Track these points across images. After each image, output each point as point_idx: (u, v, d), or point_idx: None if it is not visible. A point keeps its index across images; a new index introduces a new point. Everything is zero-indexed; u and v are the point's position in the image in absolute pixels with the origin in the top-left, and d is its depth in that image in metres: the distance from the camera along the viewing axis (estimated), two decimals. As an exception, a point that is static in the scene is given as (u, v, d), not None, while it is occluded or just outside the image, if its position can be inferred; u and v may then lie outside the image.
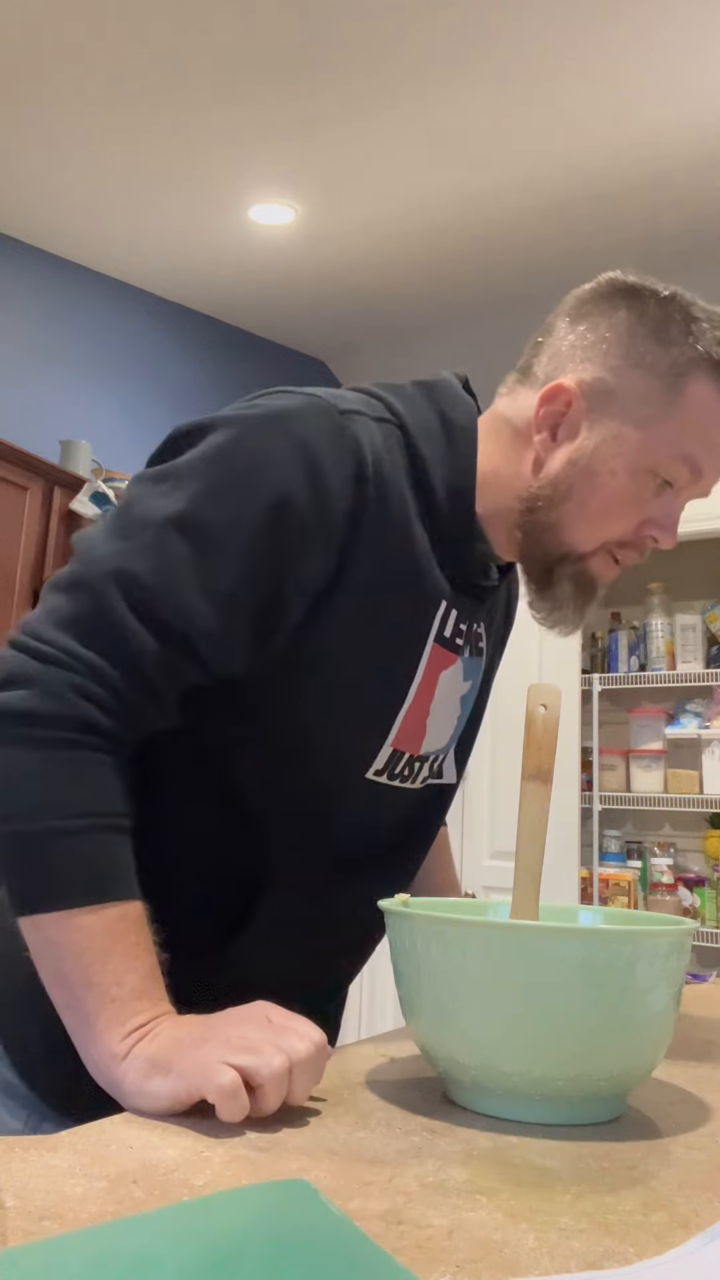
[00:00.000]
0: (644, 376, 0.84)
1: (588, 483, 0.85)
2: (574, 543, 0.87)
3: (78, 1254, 0.44)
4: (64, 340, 3.90)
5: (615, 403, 0.84)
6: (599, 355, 0.86)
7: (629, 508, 0.85)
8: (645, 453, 0.84)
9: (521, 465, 0.88)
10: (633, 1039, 0.67)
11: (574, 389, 0.85)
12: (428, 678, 0.88)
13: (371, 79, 2.90)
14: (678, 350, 0.84)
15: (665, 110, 2.97)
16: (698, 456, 0.84)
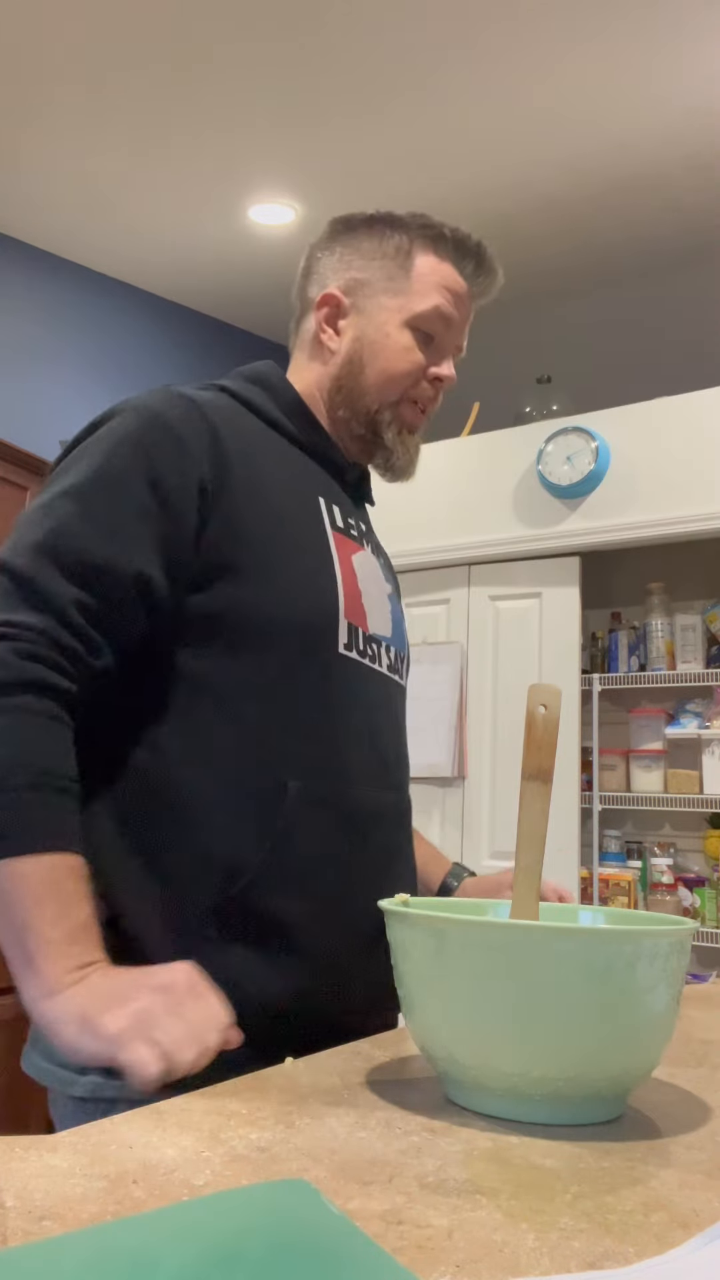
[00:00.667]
0: (381, 264, 1.10)
1: (371, 348, 1.09)
2: (380, 396, 1.09)
3: (78, 1254, 0.44)
4: (64, 340, 3.90)
5: (369, 287, 1.10)
6: (344, 265, 1.11)
7: (408, 355, 1.08)
8: (404, 311, 1.08)
9: (323, 365, 1.11)
10: (633, 1039, 0.67)
11: (337, 291, 1.11)
12: (343, 557, 1.03)
13: (371, 79, 2.89)
14: (396, 239, 1.10)
15: (666, 107, 2.97)
16: (442, 305, 1.09)
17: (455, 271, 1.10)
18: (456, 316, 1.10)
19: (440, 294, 1.09)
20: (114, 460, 0.91)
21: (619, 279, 3.82)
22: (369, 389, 1.09)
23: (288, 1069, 0.79)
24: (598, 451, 3.12)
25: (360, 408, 1.09)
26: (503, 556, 3.36)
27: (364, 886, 0.97)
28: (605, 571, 3.51)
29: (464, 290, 1.11)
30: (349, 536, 1.07)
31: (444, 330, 1.10)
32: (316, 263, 1.14)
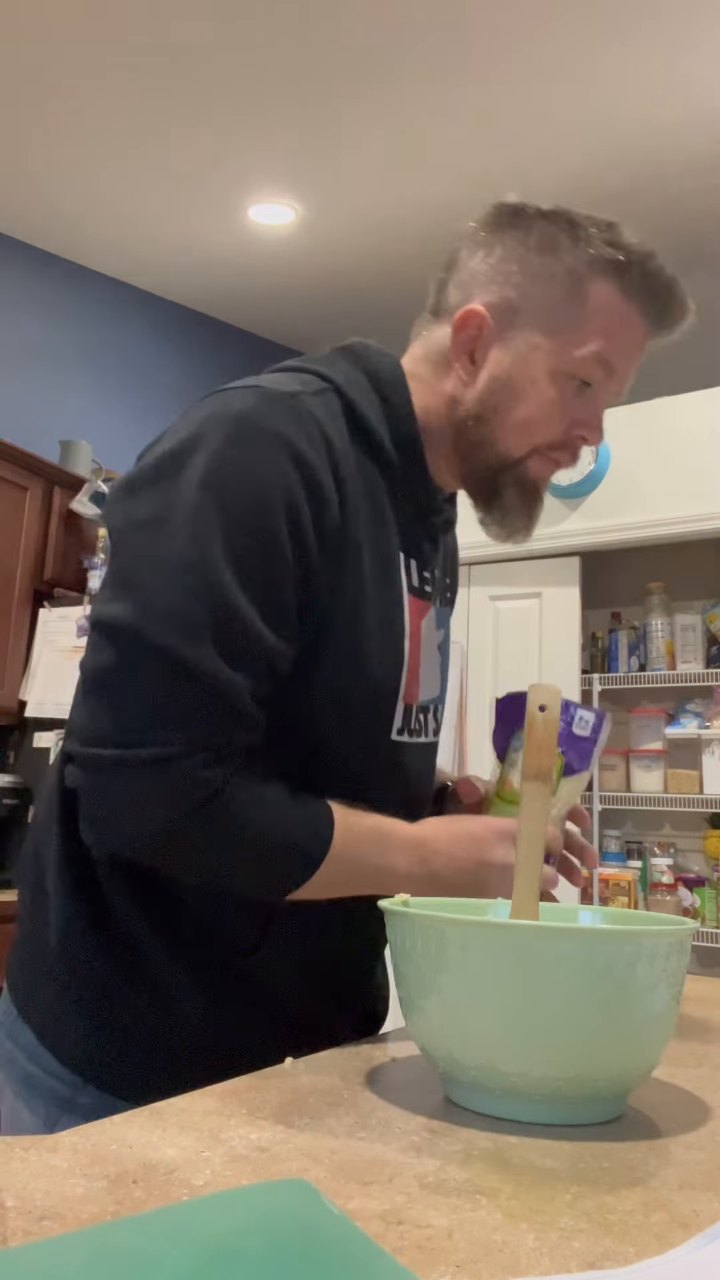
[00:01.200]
0: (546, 288, 0.90)
1: (511, 394, 0.91)
2: (508, 451, 0.93)
3: (78, 1254, 0.44)
4: (64, 340, 3.89)
5: (523, 316, 0.91)
6: (500, 277, 0.92)
7: (554, 410, 0.91)
8: (560, 356, 0.90)
9: (448, 395, 0.94)
10: (633, 1039, 0.66)
11: (483, 311, 0.91)
12: (413, 627, 0.93)
13: (371, 80, 2.90)
14: (571, 258, 0.90)
15: (663, 110, 2.97)
16: (608, 353, 0.90)
17: (638, 314, 0.91)
18: (622, 364, 0.92)
19: (610, 339, 0.90)
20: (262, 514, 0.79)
21: (619, 279, 3.82)
22: (499, 439, 0.93)
23: (288, 1069, 0.79)
24: (598, 451, 3.12)
25: (482, 457, 0.94)
26: (503, 556, 3.35)
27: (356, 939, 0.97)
28: (605, 571, 3.51)
29: (638, 325, 0.92)
30: (421, 596, 0.96)
31: (604, 379, 0.92)
32: (470, 257, 0.94)
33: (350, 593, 0.86)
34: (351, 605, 0.86)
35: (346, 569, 0.85)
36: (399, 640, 0.91)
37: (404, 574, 0.92)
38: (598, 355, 0.90)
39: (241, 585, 0.78)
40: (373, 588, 0.88)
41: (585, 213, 0.93)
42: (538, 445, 0.93)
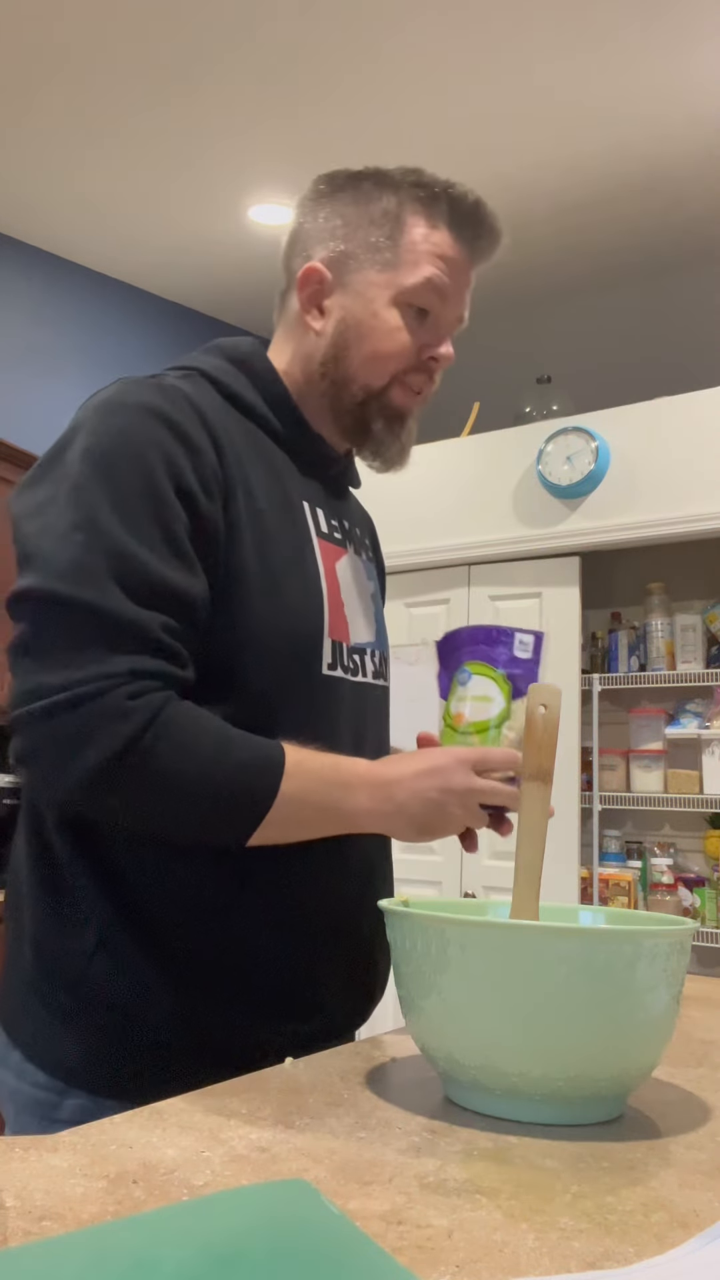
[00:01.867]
0: (368, 232, 1.00)
1: (357, 330, 0.99)
2: (368, 383, 1.00)
3: (78, 1254, 0.44)
4: (64, 340, 3.90)
5: (355, 260, 1.00)
6: (328, 233, 1.01)
7: (398, 336, 0.99)
8: (393, 288, 0.98)
9: (307, 351, 1.03)
10: (633, 1039, 0.67)
11: (319, 266, 1.01)
12: (328, 568, 0.98)
13: (372, 79, 2.89)
14: (385, 202, 1.00)
15: (666, 108, 2.97)
16: (435, 278, 0.99)
17: (451, 237, 1.00)
18: (452, 287, 1.00)
19: (433, 264, 0.99)
20: (140, 470, 0.85)
21: (619, 279, 3.82)
22: (355, 374, 1.00)
23: (288, 1069, 0.79)
24: (598, 451, 3.12)
25: (346, 396, 1.01)
26: (503, 556, 3.35)
27: (343, 904, 0.97)
28: (605, 571, 3.51)
29: (461, 258, 1.01)
30: (333, 541, 1.02)
31: (439, 304, 1.00)
32: (300, 229, 1.04)
33: (251, 536, 0.91)
34: (256, 547, 0.91)
35: (240, 513, 0.90)
36: (313, 578, 0.96)
37: (309, 519, 0.99)
38: (427, 281, 0.98)
39: (133, 534, 0.83)
40: (277, 531, 0.94)
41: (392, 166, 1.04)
42: (394, 374, 1.00)
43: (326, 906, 0.95)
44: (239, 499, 0.91)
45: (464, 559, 3.39)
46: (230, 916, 0.89)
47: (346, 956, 0.98)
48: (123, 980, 0.87)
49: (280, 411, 1.01)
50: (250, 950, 0.90)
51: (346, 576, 1.02)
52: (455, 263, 1.00)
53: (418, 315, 1.00)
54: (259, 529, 0.92)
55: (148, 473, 0.85)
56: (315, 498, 1.02)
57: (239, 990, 0.89)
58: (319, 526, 1.01)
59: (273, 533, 0.94)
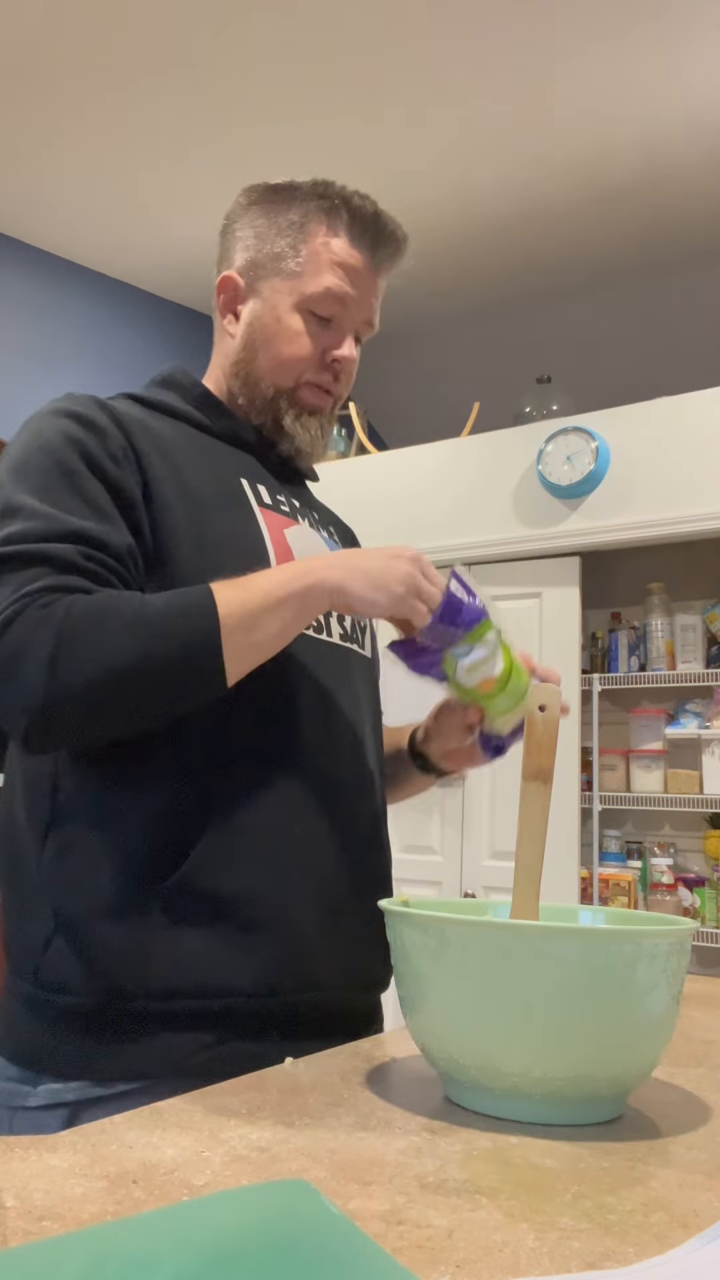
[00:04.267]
0: (275, 242, 1.06)
1: (264, 333, 1.06)
2: (274, 382, 1.07)
3: (78, 1254, 0.44)
4: (63, 340, 3.89)
5: (263, 269, 1.07)
6: (242, 245, 1.09)
7: (301, 340, 1.05)
8: (296, 294, 1.05)
9: (226, 349, 1.11)
10: (633, 1039, 0.67)
11: (233, 274, 1.09)
12: (274, 533, 1.02)
13: (372, 80, 2.89)
14: (292, 213, 1.06)
15: (666, 109, 2.97)
16: (335, 286, 1.05)
17: (350, 245, 1.06)
18: (354, 294, 1.06)
19: (333, 273, 1.05)
20: (48, 454, 0.92)
21: (619, 279, 3.82)
22: (263, 375, 1.07)
23: (288, 1069, 0.79)
24: (598, 451, 3.12)
25: (257, 394, 1.08)
26: (503, 556, 3.35)
27: (323, 860, 0.95)
28: (605, 571, 3.51)
29: (362, 265, 1.06)
30: (279, 512, 1.05)
31: (340, 310, 1.06)
32: (222, 240, 1.13)
33: (182, 505, 0.96)
34: (188, 516, 0.96)
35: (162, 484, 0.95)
36: (255, 539, 1.00)
37: (249, 492, 1.03)
38: (327, 290, 1.04)
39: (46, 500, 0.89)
40: (212, 501, 0.99)
41: (307, 178, 1.09)
42: (299, 375, 1.06)
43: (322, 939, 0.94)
44: (158, 471, 0.95)
45: (464, 559, 3.38)
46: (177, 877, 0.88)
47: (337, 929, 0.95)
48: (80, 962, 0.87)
49: (206, 409, 1.08)
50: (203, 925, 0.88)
51: (302, 544, 1.05)
52: (356, 270, 1.06)
53: (320, 321, 1.06)
54: (190, 500, 0.97)
55: (55, 453, 0.92)
56: (255, 475, 1.07)
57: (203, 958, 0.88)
58: (260, 498, 1.05)
59: (206, 502, 0.98)
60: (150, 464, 0.95)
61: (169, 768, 0.91)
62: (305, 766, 0.96)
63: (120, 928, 0.87)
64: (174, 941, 0.87)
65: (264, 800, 0.92)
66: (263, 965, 0.89)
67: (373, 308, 1.10)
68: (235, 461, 1.06)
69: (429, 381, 4.17)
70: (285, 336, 1.05)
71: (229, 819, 0.90)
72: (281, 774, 0.94)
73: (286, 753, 0.95)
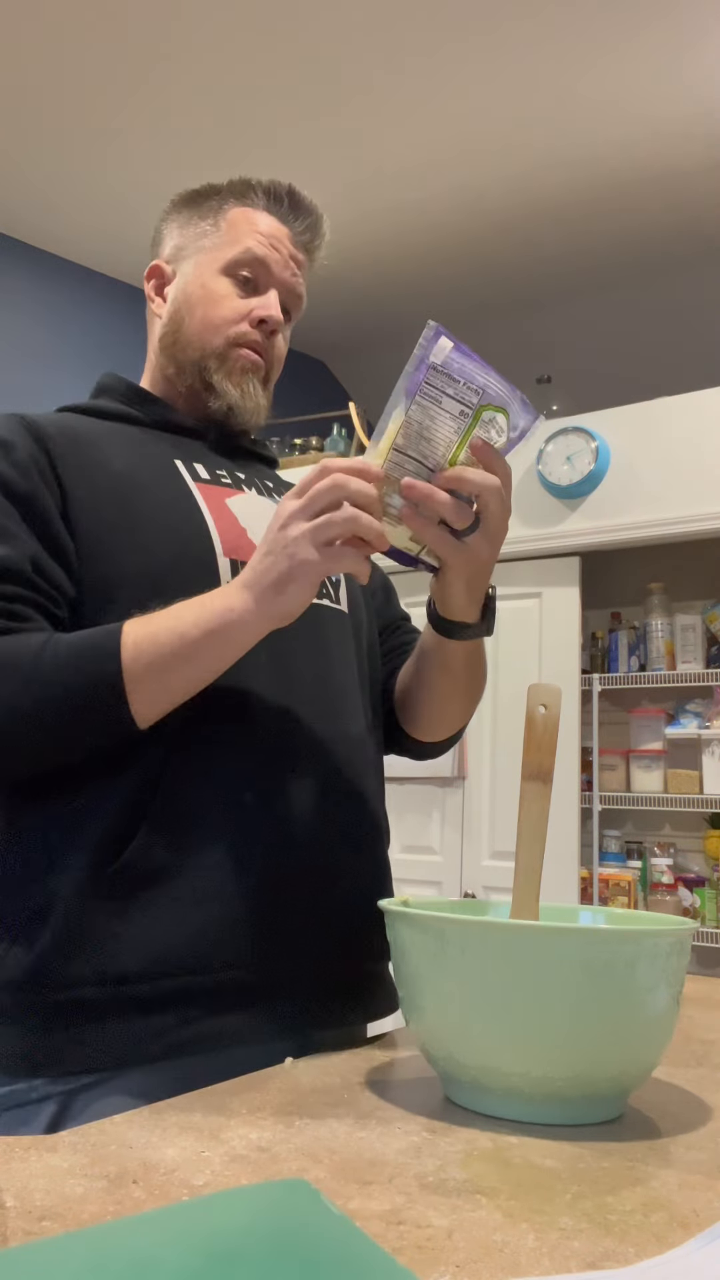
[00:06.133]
0: (198, 226, 1.13)
1: (189, 302, 1.10)
2: (204, 345, 1.09)
3: (78, 1254, 0.44)
4: (63, 340, 3.89)
5: (187, 250, 1.13)
6: (169, 235, 1.16)
7: (225, 301, 1.09)
8: (216, 261, 1.10)
9: (156, 334, 1.14)
10: (633, 1039, 0.67)
11: (159, 261, 1.15)
12: (213, 503, 1.03)
13: (372, 79, 2.89)
14: (210, 202, 1.13)
15: (666, 109, 2.97)
16: (254, 247, 1.09)
17: (267, 216, 1.12)
18: (275, 255, 1.10)
19: (252, 237, 1.10)
20: None
21: (619, 279, 3.82)
22: (192, 340, 1.09)
23: (288, 1069, 0.79)
24: (598, 451, 3.12)
25: (186, 360, 1.10)
26: (503, 556, 3.33)
27: (285, 821, 0.93)
28: (605, 571, 3.51)
29: (279, 231, 1.12)
30: (220, 485, 1.06)
31: (264, 272, 1.10)
32: (152, 247, 1.19)
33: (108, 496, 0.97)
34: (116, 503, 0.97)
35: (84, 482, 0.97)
36: (190, 511, 1.00)
37: (184, 472, 1.05)
38: (247, 250, 1.09)
39: None
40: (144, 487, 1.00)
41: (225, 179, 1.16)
42: (230, 337, 1.08)
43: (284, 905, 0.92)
44: (78, 471, 0.97)
45: (464, 559, 3.38)
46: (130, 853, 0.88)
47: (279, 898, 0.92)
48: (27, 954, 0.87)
49: (133, 401, 1.11)
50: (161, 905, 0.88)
51: (249, 509, 1.05)
52: (275, 236, 1.11)
53: (244, 283, 1.10)
54: (116, 487, 0.99)
55: None
56: (189, 456, 1.08)
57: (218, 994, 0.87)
58: (196, 474, 1.05)
59: (134, 486, 0.99)
60: (67, 464, 0.97)
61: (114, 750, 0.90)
62: (257, 736, 0.94)
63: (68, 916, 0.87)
64: (120, 924, 0.86)
65: (213, 775, 0.91)
66: (216, 934, 0.87)
67: (297, 278, 1.13)
68: (170, 446, 1.07)
69: (429, 381, 4.17)
70: (211, 299, 1.09)
71: (176, 796, 0.89)
72: (229, 747, 0.92)
73: (236, 723, 0.93)
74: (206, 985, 0.87)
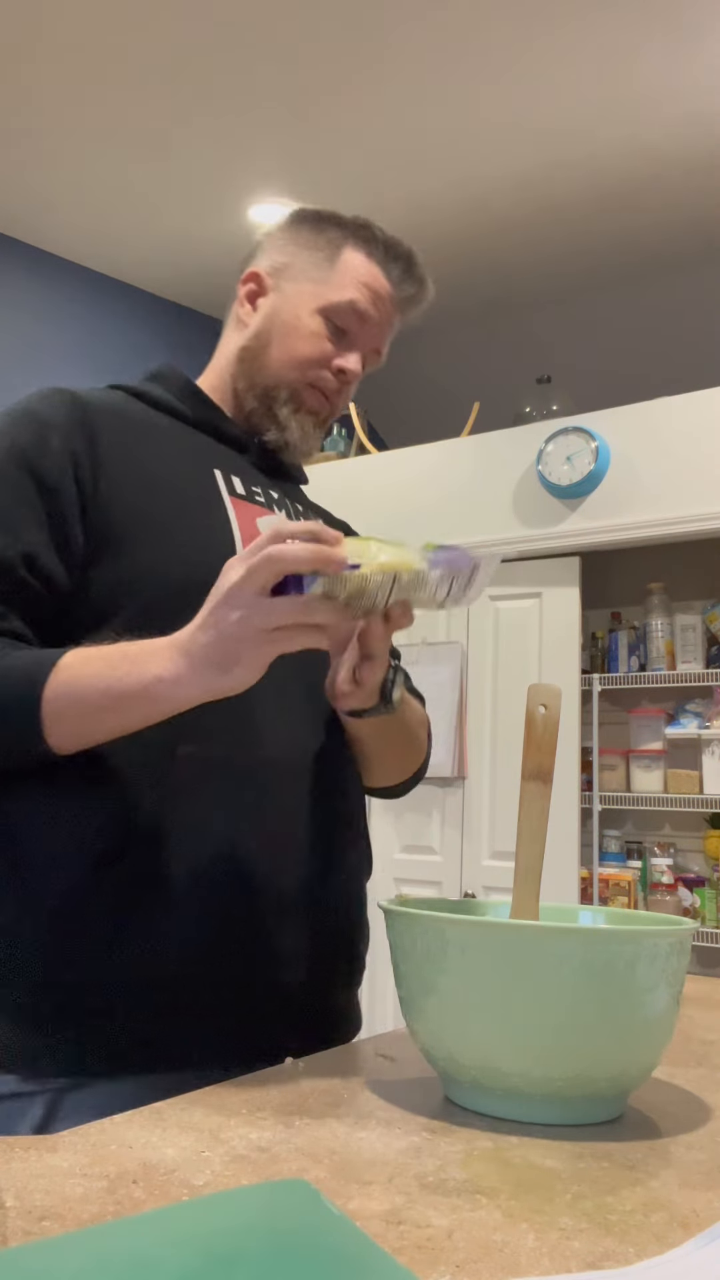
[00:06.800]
0: (310, 253, 1.11)
1: (281, 327, 1.09)
2: (280, 376, 1.09)
3: (78, 1254, 0.44)
4: (63, 340, 3.89)
5: (292, 271, 1.11)
6: (277, 249, 1.14)
7: (313, 341, 1.08)
8: (318, 299, 1.09)
9: (234, 341, 1.13)
10: (633, 1039, 0.67)
11: (262, 270, 1.13)
12: (244, 521, 1.03)
13: (372, 79, 2.89)
14: (330, 233, 1.12)
15: (666, 109, 2.97)
16: (359, 302, 1.09)
17: (380, 272, 1.11)
18: (374, 315, 1.10)
19: (359, 290, 1.09)
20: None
21: (619, 279, 3.82)
22: (270, 365, 1.09)
23: (288, 1069, 0.79)
24: (598, 451, 3.12)
25: (258, 381, 1.10)
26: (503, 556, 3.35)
27: (269, 848, 0.94)
28: (605, 571, 3.51)
29: (386, 292, 1.11)
30: (254, 502, 1.06)
31: (358, 326, 1.10)
32: (257, 246, 1.17)
33: (138, 496, 0.97)
34: (144, 504, 0.96)
35: (117, 477, 0.96)
36: (219, 526, 1.00)
37: (220, 482, 1.04)
38: (351, 302, 1.08)
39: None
40: (175, 490, 1.00)
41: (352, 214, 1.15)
42: (306, 375, 1.09)
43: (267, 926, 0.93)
44: (120, 458, 0.97)
45: (464, 559, 3.38)
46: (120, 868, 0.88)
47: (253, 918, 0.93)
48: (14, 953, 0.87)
49: (188, 399, 1.10)
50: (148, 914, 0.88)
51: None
52: (380, 296, 1.11)
53: (336, 332, 1.09)
54: (152, 484, 0.98)
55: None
56: (230, 467, 1.08)
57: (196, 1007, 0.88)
58: (233, 488, 1.05)
59: (167, 491, 0.99)
60: (111, 448, 0.97)
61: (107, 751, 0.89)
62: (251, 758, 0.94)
63: (53, 916, 0.87)
64: (110, 931, 0.87)
65: (207, 789, 0.91)
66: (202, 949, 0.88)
67: (386, 338, 1.13)
68: (211, 452, 1.07)
69: (429, 381, 4.17)
70: (302, 334, 1.08)
71: (172, 808, 0.90)
72: (224, 764, 0.93)
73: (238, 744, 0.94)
74: (193, 1002, 0.88)
